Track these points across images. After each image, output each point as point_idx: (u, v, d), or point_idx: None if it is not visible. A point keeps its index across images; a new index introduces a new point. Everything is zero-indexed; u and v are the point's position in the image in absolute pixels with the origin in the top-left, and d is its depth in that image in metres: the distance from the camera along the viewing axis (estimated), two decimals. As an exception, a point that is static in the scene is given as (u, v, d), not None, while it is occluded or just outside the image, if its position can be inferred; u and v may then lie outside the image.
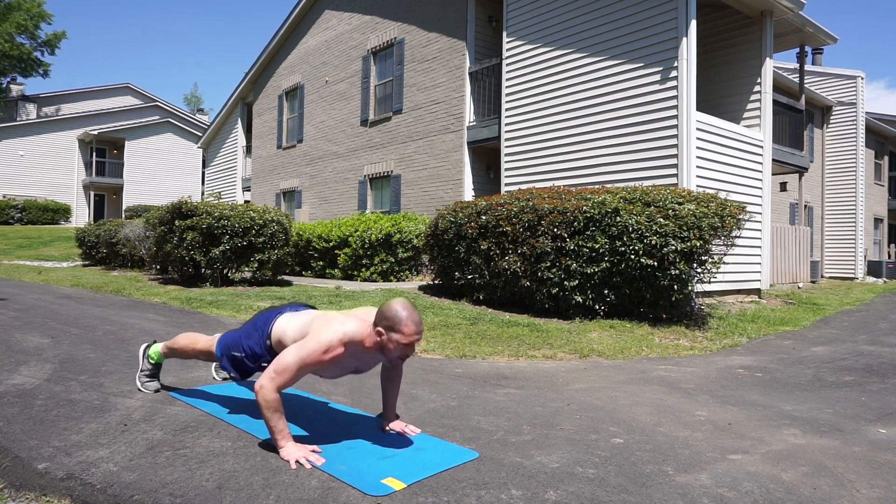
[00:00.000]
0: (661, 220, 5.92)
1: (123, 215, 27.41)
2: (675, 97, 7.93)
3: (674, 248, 5.79)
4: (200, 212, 8.40)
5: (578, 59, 9.08)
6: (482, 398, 3.26)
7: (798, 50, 12.13)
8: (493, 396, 3.31)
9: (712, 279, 6.38)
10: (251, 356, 2.54)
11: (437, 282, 8.30)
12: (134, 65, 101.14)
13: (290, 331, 2.43)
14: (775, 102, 10.41)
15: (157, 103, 34.99)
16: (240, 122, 19.19)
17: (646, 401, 3.31)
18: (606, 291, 6.17)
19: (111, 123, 30.76)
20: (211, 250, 8.30)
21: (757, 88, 9.81)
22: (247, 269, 8.84)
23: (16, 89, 32.55)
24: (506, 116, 10.13)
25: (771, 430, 2.84)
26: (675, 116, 7.93)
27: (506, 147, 10.15)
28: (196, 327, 5.35)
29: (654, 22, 8.18)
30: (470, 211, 7.35)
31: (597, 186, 7.39)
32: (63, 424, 2.52)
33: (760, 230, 9.47)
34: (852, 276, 17.88)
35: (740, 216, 6.12)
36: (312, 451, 2.23)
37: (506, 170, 10.16)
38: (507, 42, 10.15)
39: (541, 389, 3.52)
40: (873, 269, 18.69)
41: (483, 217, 7.08)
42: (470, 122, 10.98)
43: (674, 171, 7.92)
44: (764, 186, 9.54)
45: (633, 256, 5.92)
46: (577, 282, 6.20)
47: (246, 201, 17.16)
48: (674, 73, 7.96)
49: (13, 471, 2.06)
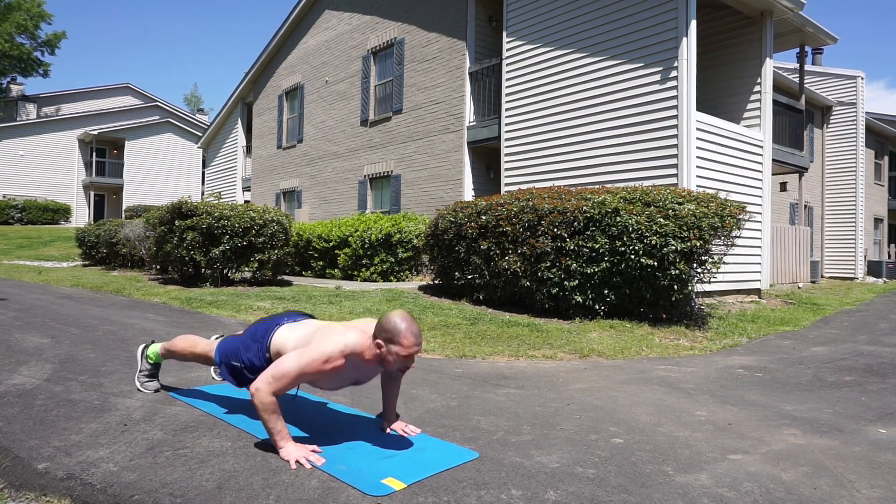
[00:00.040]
0: (661, 220, 5.92)
1: (123, 215, 27.42)
2: (675, 97, 7.94)
3: (674, 248, 5.79)
4: (200, 212, 8.40)
5: (578, 59, 9.08)
6: (482, 398, 3.26)
7: (798, 50, 12.13)
8: (493, 396, 3.31)
9: (712, 279, 6.38)
10: (250, 368, 2.54)
11: (437, 282, 8.30)
12: (134, 65, 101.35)
13: (289, 343, 2.43)
14: (775, 102, 10.41)
15: (157, 103, 35.00)
16: (240, 122, 19.19)
17: (646, 401, 3.31)
18: (606, 291, 6.17)
19: (111, 123, 30.77)
20: (211, 250, 8.30)
21: (757, 88, 9.81)
22: (247, 269, 8.84)
23: (16, 89, 32.56)
24: (506, 116, 10.13)
25: (771, 430, 2.84)
26: (675, 116, 7.93)
27: (506, 147, 10.15)
28: (196, 327, 5.35)
29: (654, 22, 8.18)
30: (470, 211, 7.35)
31: (597, 186, 7.39)
32: (63, 424, 2.52)
33: (760, 230, 9.47)
34: (852, 276, 17.87)
35: (740, 216, 6.12)
36: (312, 451, 2.23)
37: (506, 170, 10.16)
38: (507, 42, 10.15)
39: (541, 389, 3.52)
40: (873, 269, 18.69)
41: (483, 217, 7.08)
42: (470, 122, 10.97)
43: (674, 171, 7.93)
44: (764, 186, 9.54)
45: (633, 256, 5.92)
46: (577, 282, 6.20)
47: (246, 201, 17.16)
48: (674, 73, 7.96)
49: (13, 471, 2.06)
